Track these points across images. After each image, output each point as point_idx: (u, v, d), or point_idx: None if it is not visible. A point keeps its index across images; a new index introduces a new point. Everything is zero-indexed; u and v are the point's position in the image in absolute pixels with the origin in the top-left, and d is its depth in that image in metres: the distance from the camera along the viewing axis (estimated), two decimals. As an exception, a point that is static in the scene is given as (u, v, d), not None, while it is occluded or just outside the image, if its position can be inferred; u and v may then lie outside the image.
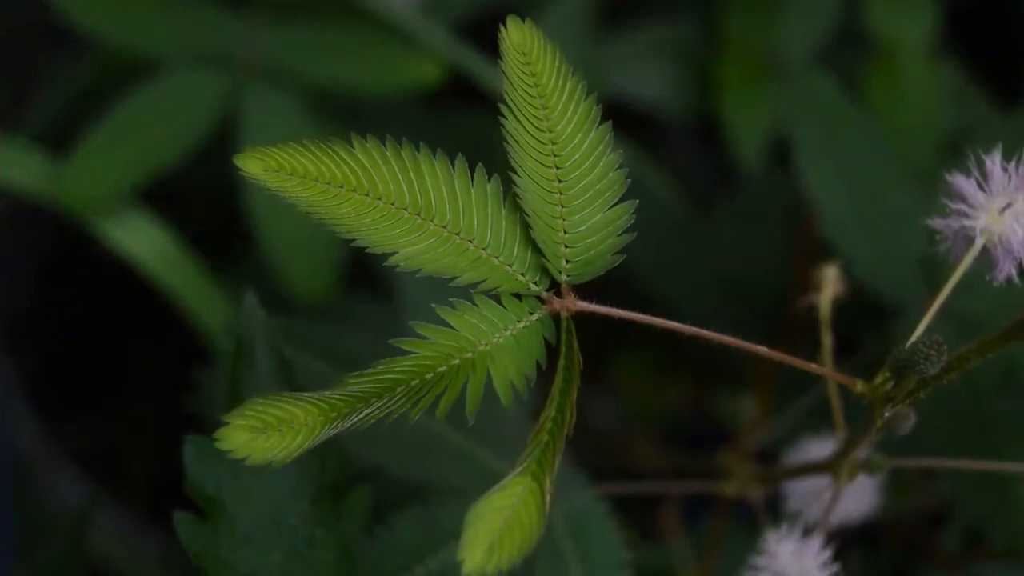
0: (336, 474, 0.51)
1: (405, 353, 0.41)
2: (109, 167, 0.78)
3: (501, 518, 0.37)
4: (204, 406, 0.68)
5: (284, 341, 0.52)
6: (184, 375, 0.69)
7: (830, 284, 0.55)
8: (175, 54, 0.81)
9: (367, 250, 0.41)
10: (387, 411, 0.40)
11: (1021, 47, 0.99)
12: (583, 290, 0.43)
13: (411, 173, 0.42)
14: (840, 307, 0.56)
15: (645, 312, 0.43)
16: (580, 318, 0.43)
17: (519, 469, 0.38)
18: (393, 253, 0.41)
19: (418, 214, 0.42)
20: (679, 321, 0.43)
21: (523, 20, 0.43)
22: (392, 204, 0.41)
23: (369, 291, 0.84)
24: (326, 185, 0.41)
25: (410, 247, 0.41)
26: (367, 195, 0.41)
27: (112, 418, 0.98)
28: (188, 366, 0.70)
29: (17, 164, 0.79)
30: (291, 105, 0.80)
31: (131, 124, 0.79)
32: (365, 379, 0.40)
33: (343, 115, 0.85)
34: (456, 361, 0.40)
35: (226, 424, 0.38)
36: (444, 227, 0.42)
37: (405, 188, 0.42)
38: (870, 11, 0.85)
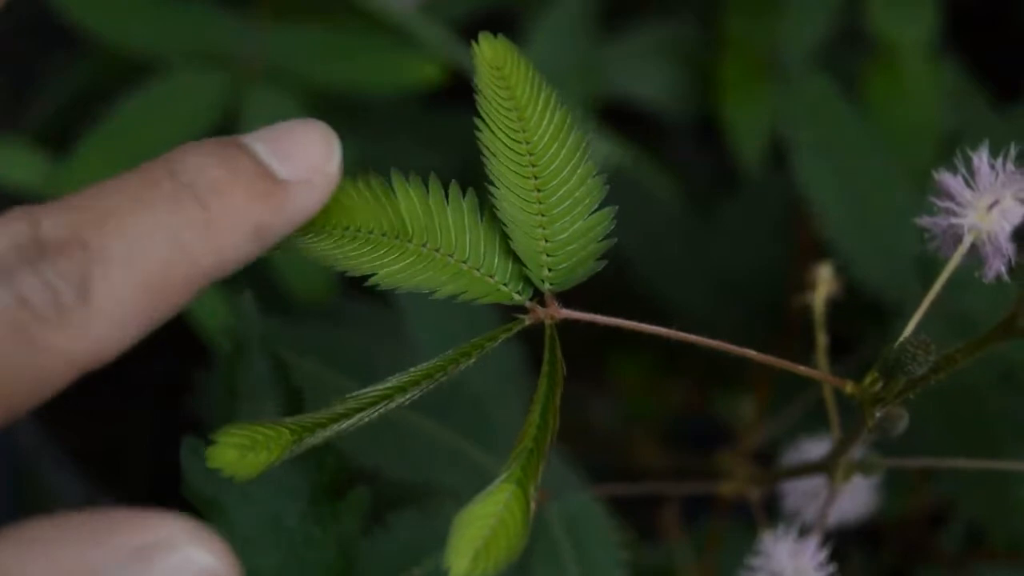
0: (333, 475, 0.51)
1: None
2: (109, 167, 0.78)
3: (487, 526, 0.37)
4: (204, 407, 0.68)
5: (280, 343, 0.53)
6: (184, 375, 0.69)
7: (824, 283, 0.55)
8: (175, 54, 0.81)
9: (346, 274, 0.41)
10: (367, 420, 0.40)
11: (1021, 47, 0.99)
12: (580, 290, 0.43)
13: (385, 200, 0.42)
14: (841, 307, 0.56)
15: (644, 312, 0.43)
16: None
17: (503, 476, 0.39)
18: (372, 275, 0.41)
19: (396, 237, 0.42)
20: (679, 321, 0.44)
21: (496, 34, 0.43)
22: (370, 232, 0.42)
23: (367, 293, 0.84)
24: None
25: (388, 268, 0.41)
26: (347, 229, 0.41)
27: (112, 418, 0.98)
28: (188, 366, 0.70)
29: (17, 164, 0.79)
30: (291, 105, 0.80)
31: (131, 124, 0.79)
32: (353, 401, 0.40)
33: (343, 115, 0.85)
34: (444, 376, 0.41)
35: (215, 442, 0.38)
36: (423, 246, 0.42)
37: (380, 216, 0.42)
38: (870, 11, 0.85)
